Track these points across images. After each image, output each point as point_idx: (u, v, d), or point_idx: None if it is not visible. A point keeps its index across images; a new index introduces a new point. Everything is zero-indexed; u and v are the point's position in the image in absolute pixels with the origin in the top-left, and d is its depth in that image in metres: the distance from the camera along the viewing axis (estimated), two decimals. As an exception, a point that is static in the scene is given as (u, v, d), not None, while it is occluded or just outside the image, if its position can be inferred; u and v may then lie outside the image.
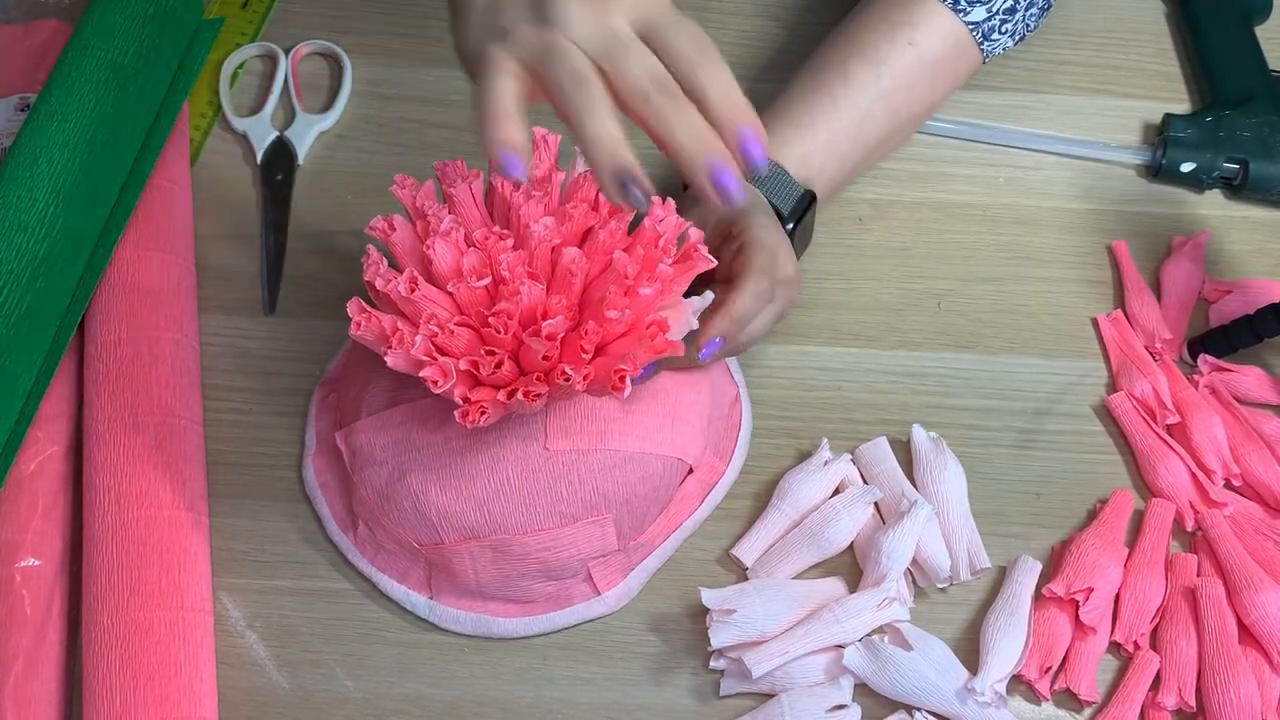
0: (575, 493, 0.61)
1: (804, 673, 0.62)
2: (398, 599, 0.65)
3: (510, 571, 0.63)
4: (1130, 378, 0.72)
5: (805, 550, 0.66)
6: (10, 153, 0.69)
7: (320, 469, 0.68)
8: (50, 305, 0.66)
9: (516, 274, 0.55)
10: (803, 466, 0.68)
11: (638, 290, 0.56)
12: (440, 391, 0.55)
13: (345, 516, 0.66)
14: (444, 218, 0.57)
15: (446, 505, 0.61)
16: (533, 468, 0.61)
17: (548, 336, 0.55)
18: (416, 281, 0.56)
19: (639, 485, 0.63)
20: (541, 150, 0.61)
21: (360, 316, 0.56)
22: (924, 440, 0.69)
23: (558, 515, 0.62)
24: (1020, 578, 0.66)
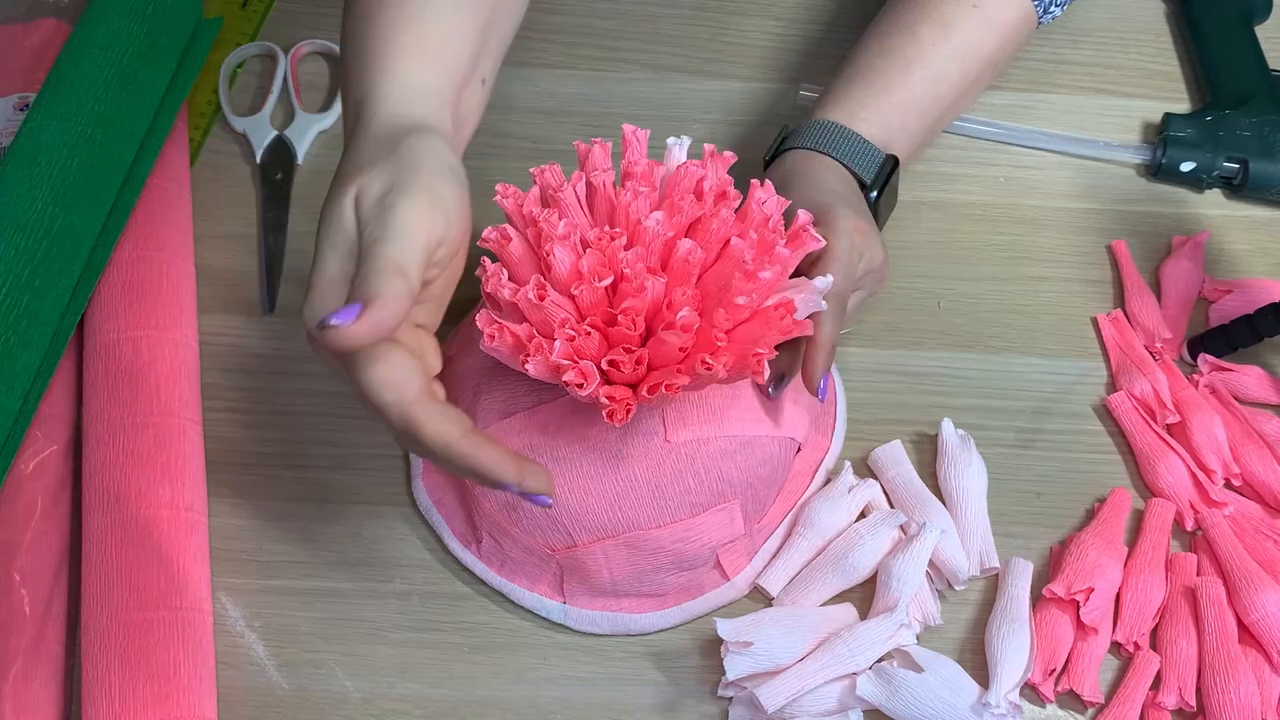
0: (701, 482, 0.62)
1: (815, 701, 0.61)
2: (530, 607, 0.65)
3: (644, 566, 0.63)
4: (1130, 377, 0.72)
5: (831, 577, 0.65)
6: (9, 152, 0.68)
7: (432, 487, 0.68)
8: (49, 304, 0.65)
9: (637, 270, 0.56)
10: (826, 492, 0.68)
11: (758, 274, 0.56)
12: (584, 395, 0.55)
13: (467, 531, 0.66)
14: (558, 223, 0.57)
15: (577, 507, 0.62)
16: (657, 461, 0.62)
17: (683, 327, 0.55)
18: (545, 288, 0.56)
19: (759, 468, 0.64)
20: (633, 146, 0.61)
21: (491, 329, 0.56)
22: (951, 436, 0.69)
23: (688, 506, 0.62)
24: (1016, 581, 0.65)
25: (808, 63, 0.85)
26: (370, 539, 0.67)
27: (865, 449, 0.70)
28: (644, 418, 0.62)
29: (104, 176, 0.70)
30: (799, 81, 0.84)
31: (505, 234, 0.58)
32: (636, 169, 0.60)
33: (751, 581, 0.66)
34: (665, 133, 0.81)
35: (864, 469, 0.70)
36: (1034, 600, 0.66)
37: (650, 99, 0.83)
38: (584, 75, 0.84)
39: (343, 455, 0.70)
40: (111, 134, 0.71)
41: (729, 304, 0.56)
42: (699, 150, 0.61)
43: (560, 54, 0.85)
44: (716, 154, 0.61)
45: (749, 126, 0.82)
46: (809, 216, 0.60)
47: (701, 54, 0.85)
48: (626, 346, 0.56)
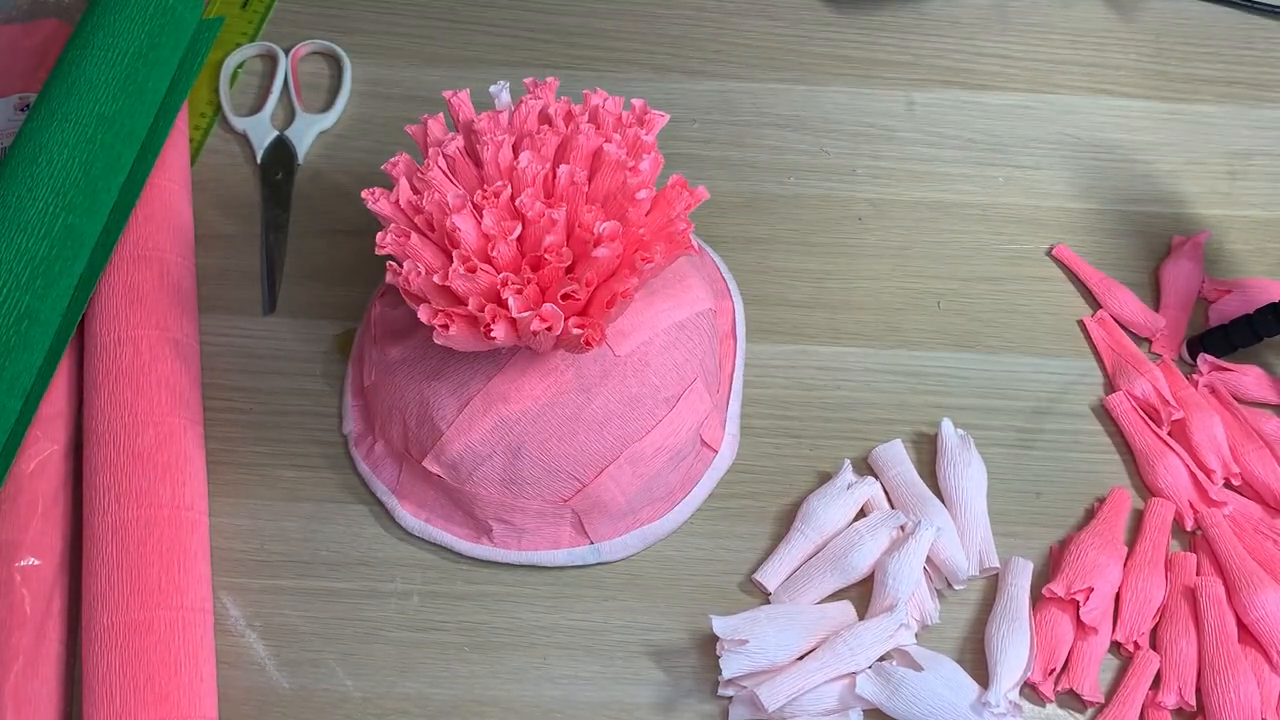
0: (663, 377, 0.65)
1: (814, 700, 0.61)
2: (563, 563, 0.66)
3: (648, 473, 0.65)
4: (1128, 377, 0.72)
5: (829, 576, 0.65)
6: (10, 152, 0.69)
7: (416, 509, 0.68)
8: (50, 305, 0.66)
9: (537, 210, 0.58)
10: (825, 489, 0.68)
11: (639, 168, 0.59)
12: (556, 336, 0.57)
13: (471, 529, 0.67)
14: (448, 194, 0.59)
15: (572, 450, 0.63)
16: (619, 378, 0.64)
17: (609, 237, 0.57)
18: (469, 259, 0.57)
19: (700, 344, 0.66)
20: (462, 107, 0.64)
21: (439, 319, 0.57)
22: (951, 435, 0.69)
23: (663, 401, 0.64)
24: (1016, 580, 0.65)
25: (808, 63, 0.85)
26: (370, 539, 0.67)
27: (866, 448, 0.70)
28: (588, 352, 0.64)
29: (105, 177, 0.70)
30: (798, 81, 0.84)
31: (401, 231, 0.59)
32: (480, 124, 0.62)
33: (734, 447, 0.70)
34: (663, 132, 0.81)
35: (864, 468, 0.70)
36: (1033, 600, 0.66)
37: (650, 99, 0.83)
38: (583, 75, 0.84)
39: (343, 455, 0.70)
40: (113, 134, 0.71)
41: (632, 201, 0.59)
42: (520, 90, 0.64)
43: (560, 54, 0.85)
44: (538, 82, 0.64)
45: (749, 126, 0.82)
46: (642, 101, 0.64)
47: (701, 54, 0.85)
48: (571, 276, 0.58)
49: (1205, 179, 0.82)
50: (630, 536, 0.67)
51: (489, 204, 0.58)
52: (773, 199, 0.79)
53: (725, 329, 0.73)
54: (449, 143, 0.61)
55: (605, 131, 0.61)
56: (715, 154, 0.81)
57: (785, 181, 0.80)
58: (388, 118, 0.82)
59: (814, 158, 0.81)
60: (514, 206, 0.59)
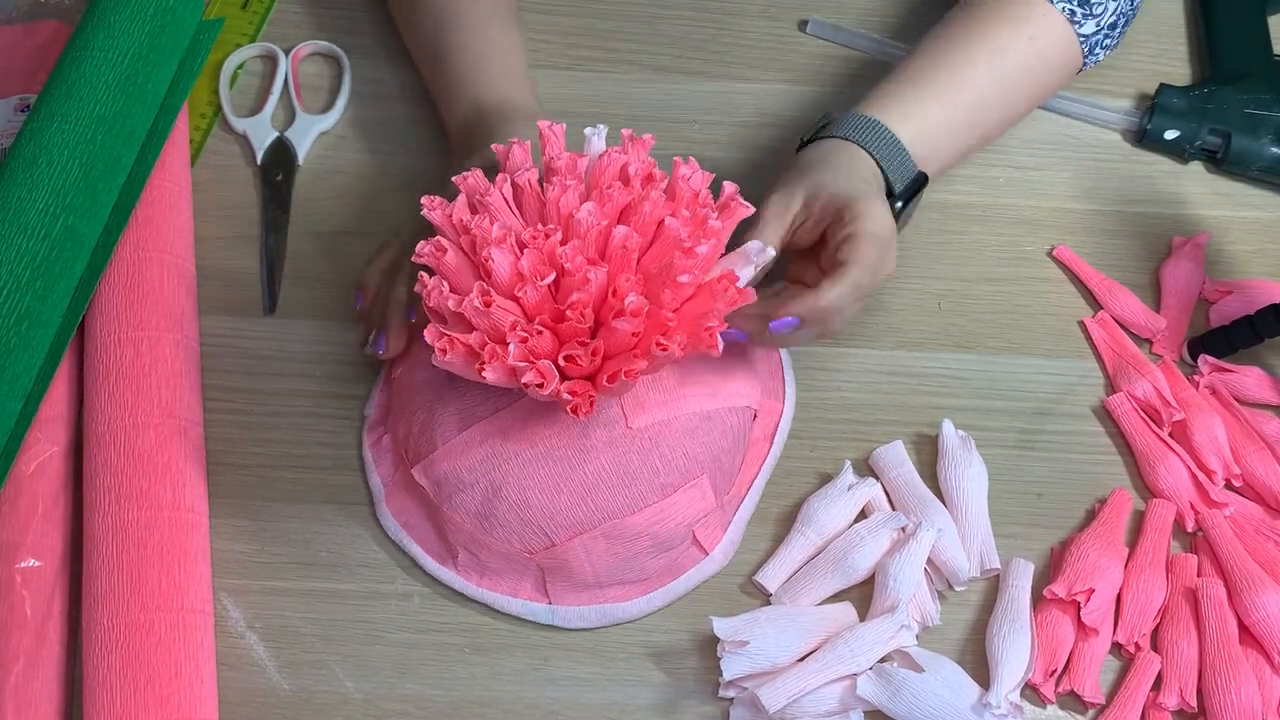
0: (669, 462, 0.63)
1: (815, 701, 0.61)
2: (517, 613, 0.65)
3: (625, 554, 0.64)
4: (1129, 378, 0.72)
5: (830, 577, 0.65)
6: (10, 153, 0.68)
7: (398, 511, 0.67)
8: (50, 306, 0.65)
9: (578, 264, 0.56)
10: (825, 490, 0.68)
11: (695, 250, 0.57)
12: (545, 394, 0.56)
13: (441, 549, 0.66)
14: (492, 227, 0.57)
15: (550, 506, 0.62)
16: (622, 449, 0.62)
17: (633, 313, 0.56)
18: (490, 293, 0.56)
19: (721, 440, 0.64)
20: (551, 141, 0.61)
21: (441, 343, 0.56)
22: (952, 437, 0.69)
23: (659, 488, 0.63)
24: (1016, 581, 0.65)
25: (808, 63, 0.85)
26: (371, 540, 0.67)
27: (866, 449, 0.70)
28: (604, 407, 0.63)
29: (105, 178, 0.70)
30: (798, 81, 0.84)
31: (440, 246, 0.58)
32: (558, 163, 0.60)
33: (730, 553, 0.67)
34: (666, 133, 0.81)
35: (865, 469, 0.70)
36: (1034, 601, 0.66)
37: (650, 99, 0.83)
38: (584, 76, 0.84)
39: (343, 456, 0.70)
40: (113, 135, 0.71)
41: (672, 283, 0.57)
42: (616, 137, 0.62)
43: (560, 54, 0.85)
44: (635, 138, 0.62)
45: (749, 127, 0.82)
46: (734, 186, 0.62)
47: (701, 54, 0.85)
48: (580, 340, 0.57)
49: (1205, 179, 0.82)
50: (590, 610, 0.65)
51: (533, 245, 0.57)
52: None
53: (763, 433, 0.70)
54: (523, 172, 0.60)
55: (676, 205, 0.59)
56: (715, 154, 0.81)
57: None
58: (388, 119, 0.82)
59: (814, 158, 0.81)
60: (555, 255, 0.57)
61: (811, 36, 0.87)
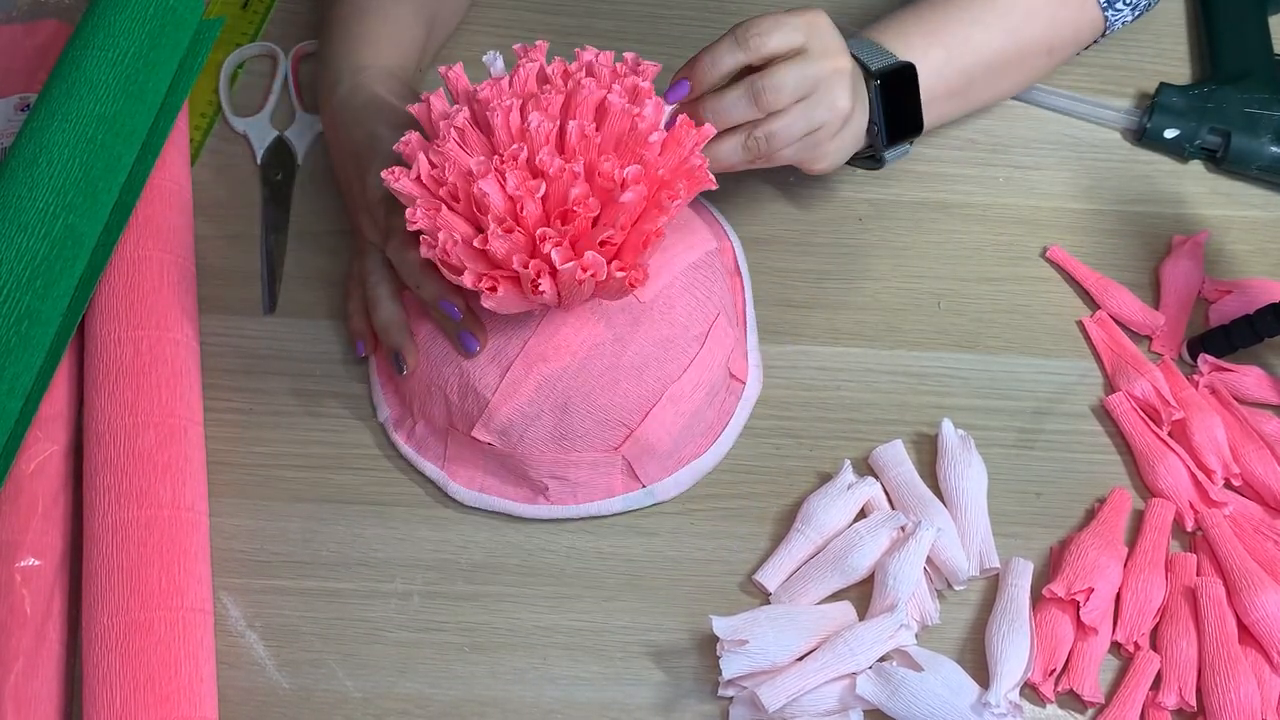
0: (690, 314, 0.67)
1: (815, 701, 0.62)
2: (620, 509, 0.68)
3: (688, 409, 0.67)
4: (1128, 378, 0.72)
5: (829, 576, 0.65)
6: (11, 152, 0.69)
7: (469, 481, 0.68)
8: (50, 305, 0.66)
9: (558, 166, 0.59)
10: (825, 489, 0.68)
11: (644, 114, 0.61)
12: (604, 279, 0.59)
13: (529, 493, 0.68)
14: (470, 162, 0.59)
15: (617, 398, 0.65)
16: (649, 323, 0.66)
17: (634, 180, 0.59)
18: (504, 220, 0.58)
19: (714, 283, 0.69)
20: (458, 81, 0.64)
21: (486, 282, 0.59)
22: (952, 436, 0.69)
23: (691, 339, 0.67)
24: (1016, 580, 0.66)
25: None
26: (370, 539, 0.67)
27: (866, 449, 0.70)
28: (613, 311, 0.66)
29: (105, 177, 0.70)
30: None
31: (430, 205, 0.60)
32: (483, 92, 0.62)
33: (759, 377, 0.72)
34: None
35: (864, 468, 0.70)
36: (1034, 600, 0.66)
37: (650, 99, 0.83)
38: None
39: (343, 455, 0.70)
40: (113, 134, 0.71)
41: (646, 145, 0.60)
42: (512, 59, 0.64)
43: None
44: (528, 47, 0.64)
45: (749, 127, 0.82)
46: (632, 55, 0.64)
47: (702, 54, 0.85)
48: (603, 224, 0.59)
49: (1205, 178, 0.82)
50: (681, 474, 0.68)
51: (510, 167, 0.59)
52: (773, 199, 0.79)
53: (729, 266, 0.74)
54: (456, 115, 0.62)
55: (604, 83, 0.62)
56: (715, 154, 0.81)
57: (785, 182, 0.80)
58: (388, 118, 0.82)
59: (814, 158, 0.81)
60: (534, 166, 0.59)
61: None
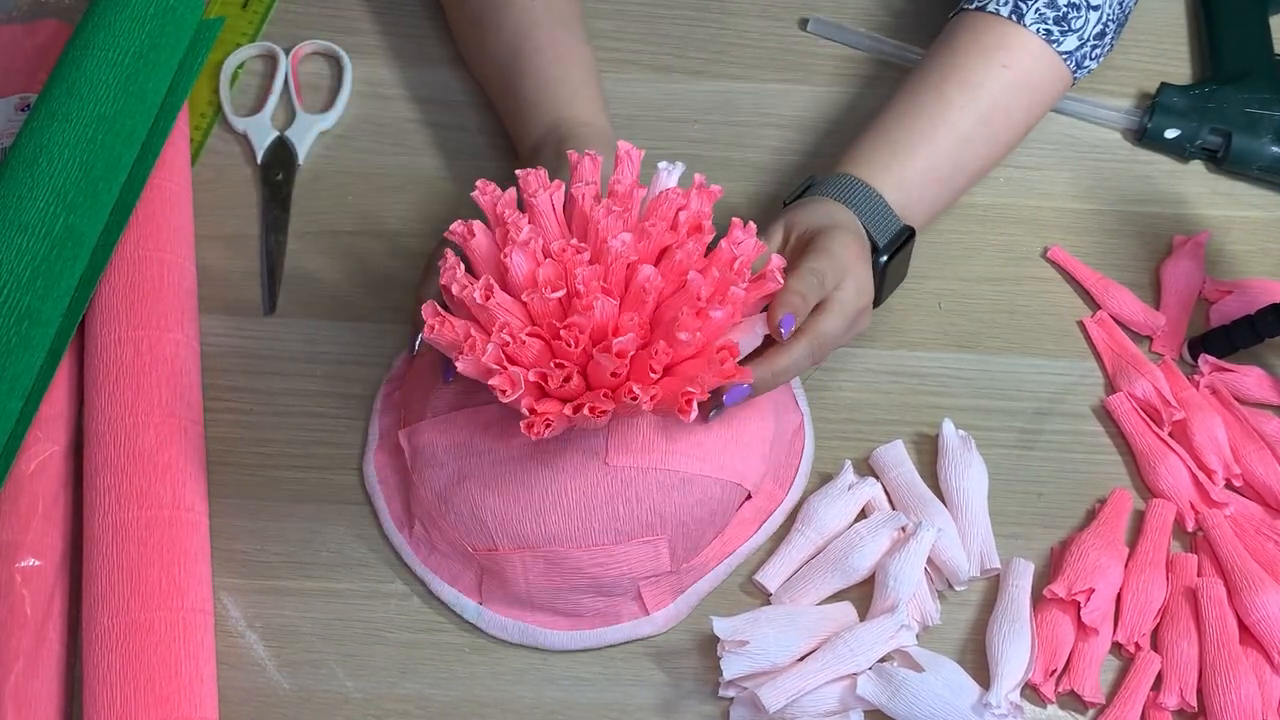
0: (632, 511, 0.61)
1: (815, 701, 0.61)
2: (448, 601, 0.65)
3: (561, 584, 0.63)
4: (1129, 378, 0.72)
5: (830, 577, 0.65)
6: (10, 153, 0.69)
7: (381, 465, 0.68)
8: (50, 305, 0.65)
9: (591, 288, 0.55)
10: (826, 490, 0.68)
11: (709, 313, 0.56)
12: (508, 401, 0.55)
13: (402, 515, 0.67)
14: (524, 227, 0.57)
15: (503, 513, 0.61)
16: (591, 482, 0.61)
17: (618, 353, 0.55)
18: (492, 289, 0.56)
19: (696, 508, 0.62)
20: (625, 165, 0.61)
21: (435, 320, 0.56)
22: (952, 436, 0.69)
23: (613, 532, 0.61)
24: (1017, 581, 0.65)
25: (808, 62, 0.85)
26: (370, 539, 0.67)
27: (866, 449, 0.70)
28: (589, 437, 0.62)
29: (105, 177, 0.70)
30: (798, 81, 0.84)
31: (471, 229, 0.58)
32: (619, 188, 0.59)
33: (672, 621, 0.65)
34: (664, 133, 0.81)
35: (865, 469, 0.70)
36: (1035, 601, 0.66)
37: (650, 99, 0.83)
38: (584, 75, 0.84)
39: (343, 455, 0.70)
40: (113, 135, 0.71)
41: (671, 337, 0.55)
42: (689, 179, 0.61)
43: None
44: (704, 187, 0.60)
45: (749, 126, 0.82)
46: (781, 261, 0.60)
47: (701, 54, 0.85)
48: (559, 362, 0.56)
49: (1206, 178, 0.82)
50: (514, 624, 0.64)
51: (557, 257, 0.57)
52: (773, 199, 0.79)
53: (753, 515, 0.67)
54: (583, 185, 0.59)
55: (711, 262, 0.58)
56: (715, 154, 0.81)
57: (787, 181, 0.80)
58: (388, 118, 0.82)
59: (815, 157, 0.81)
60: (573, 273, 0.56)
61: (811, 36, 0.87)
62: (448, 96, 0.82)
